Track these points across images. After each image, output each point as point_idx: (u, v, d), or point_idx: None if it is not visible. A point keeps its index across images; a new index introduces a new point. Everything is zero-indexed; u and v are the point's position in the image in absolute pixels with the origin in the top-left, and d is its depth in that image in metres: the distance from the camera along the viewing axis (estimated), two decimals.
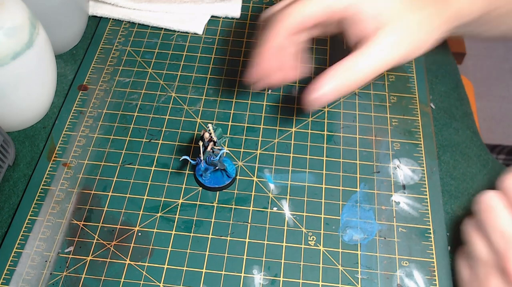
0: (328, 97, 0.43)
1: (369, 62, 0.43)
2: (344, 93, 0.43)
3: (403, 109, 0.56)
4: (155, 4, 0.64)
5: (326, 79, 0.43)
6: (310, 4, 0.43)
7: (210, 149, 0.46)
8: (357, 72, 0.43)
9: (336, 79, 0.43)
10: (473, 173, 0.52)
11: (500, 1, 0.47)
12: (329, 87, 0.43)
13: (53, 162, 0.52)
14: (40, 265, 0.45)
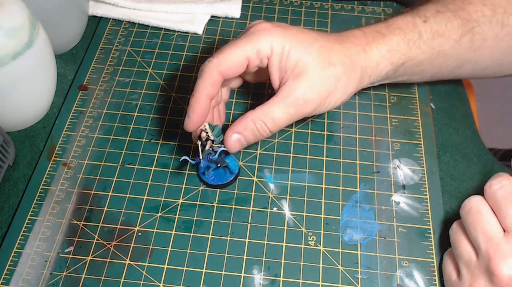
0: (242, 142, 0.46)
1: (282, 111, 0.44)
2: (259, 138, 0.46)
3: (403, 109, 0.56)
4: (155, 4, 0.64)
5: (241, 126, 0.45)
6: (233, 53, 0.44)
7: (209, 147, 0.46)
8: (275, 119, 0.45)
9: (251, 127, 0.45)
10: (473, 173, 0.52)
11: (410, 53, 0.47)
12: (246, 133, 0.45)
13: (53, 162, 0.52)
14: (40, 265, 0.45)
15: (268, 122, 0.44)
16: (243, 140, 0.45)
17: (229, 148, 0.45)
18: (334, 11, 0.66)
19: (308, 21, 0.65)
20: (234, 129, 0.45)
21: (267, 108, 0.44)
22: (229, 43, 0.45)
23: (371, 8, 0.66)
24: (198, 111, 0.45)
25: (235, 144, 0.45)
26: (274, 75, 0.45)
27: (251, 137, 0.45)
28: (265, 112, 0.44)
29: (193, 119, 0.45)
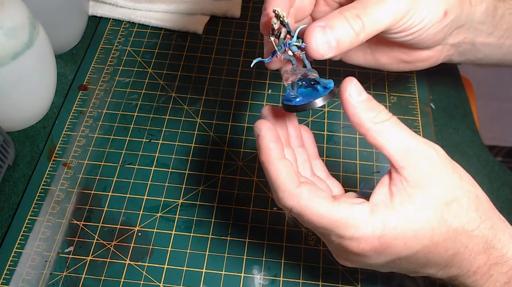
0: (338, 37, 0.35)
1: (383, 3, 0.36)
2: (351, 40, 0.36)
3: (403, 109, 0.56)
4: (155, 4, 0.64)
5: (333, 14, 0.35)
6: None
7: (284, 36, 0.34)
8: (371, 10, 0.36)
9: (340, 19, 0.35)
10: (473, 173, 0.52)
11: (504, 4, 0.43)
12: (334, 26, 0.35)
13: (53, 162, 0.52)
14: (40, 265, 0.45)
15: (362, 14, 0.35)
16: (330, 36, 0.34)
17: (312, 47, 0.34)
18: None
19: None
20: (316, 23, 0.35)
21: (357, 2, 0.36)
22: None
23: None
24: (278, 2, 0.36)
25: (320, 40, 0.34)
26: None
27: (341, 32, 0.35)
28: (355, 4, 0.36)
29: (274, 4, 0.36)
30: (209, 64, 0.60)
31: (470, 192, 0.34)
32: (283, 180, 0.34)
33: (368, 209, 0.33)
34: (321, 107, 0.53)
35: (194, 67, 0.60)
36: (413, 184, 0.33)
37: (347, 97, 0.33)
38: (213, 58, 0.61)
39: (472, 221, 0.34)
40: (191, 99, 0.57)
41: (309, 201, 0.33)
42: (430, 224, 0.33)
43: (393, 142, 0.33)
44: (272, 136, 0.34)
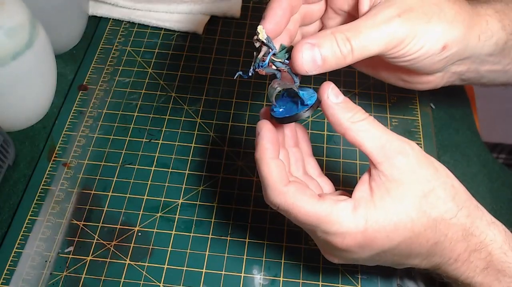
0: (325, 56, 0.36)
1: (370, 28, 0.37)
2: (337, 61, 0.36)
3: (403, 109, 0.56)
4: (155, 4, 0.64)
5: (323, 33, 0.36)
6: None
7: (262, 55, 0.36)
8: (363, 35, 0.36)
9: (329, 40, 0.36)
10: (473, 173, 0.52)
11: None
12: (322, 45, 0.35)
13: (53, 162, 0.52)
14: (40, 265, 0.45)
15: (352, 38, 0.36)
16: (317, 54, 0.35)
17: (297, 63, 0.35)
18: None
19: None
20: (306, 40, 0.35)
21: (351, 24, 0.37)
22: None
23: None
24: (278, 13, 0.37)
25: (306, 57, 0.35)
26: (363, 3, 0.39)
27: (328, 52, 0.35)
28: (349, 27, 0.36)
29: (271, 24, 0.37)
30: (209, 64, 0.60)
31: (446, 183, 0.35)
32: (273, 178, 0.35)
33: (351, 205, 0.34)
34: None
35: (194, 67, 0.60)
36: (390, 178, 0.34)
37: (326, 100, 0.36)
38: (213, 58, 0.61)
39: (449, 210, 0.35)
40: (191, 99, 0.57)
41: (295, 198, 0.35)
42: (409, 216, 0.34)
43: (370, 139, 0.35)
44: (270, 138, 0.36)
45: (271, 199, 0.36)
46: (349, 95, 0.57)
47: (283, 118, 0.37)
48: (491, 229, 0.36)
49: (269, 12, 0.38)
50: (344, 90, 0.58)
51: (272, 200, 0.36)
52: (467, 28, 0.39)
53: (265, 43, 0.35)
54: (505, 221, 0.49)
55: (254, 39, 0.36)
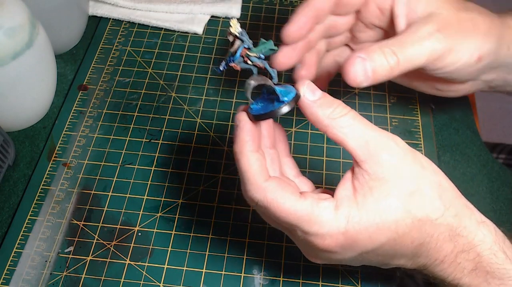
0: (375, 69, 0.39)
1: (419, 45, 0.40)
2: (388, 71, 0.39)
3: (403, 109, 0.56)
4: (155, 4, 0.64)
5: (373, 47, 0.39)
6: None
7: (234, 50, 0.35)
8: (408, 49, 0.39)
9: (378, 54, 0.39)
10: (473, 173, 0.52)
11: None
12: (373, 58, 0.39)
13: (53, 162, 0.52)
14: (40, 265, 0.45)
15: (399, 52, 0.39)
16: (368, 67, 0.39)
17: (350, 75, 0.39)
18: None
19: None
20: (357, 54, 0.39)
21: (396, 40, 0.40)
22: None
23: None
24: (301, 20, 0.40)
25: (358, 70, 0.38)
26: (399, 19, 0.42)
27: (377, 65, 0.39)
28: (394, 42, 0.39)
29: (293, 26, 0.40)
30: (209, 64, 0.60)
31: (433, 181, 0.34)
32: (253, 173, 0.34)
33: (333, 204, 0.33)
34: None
35: (194, 67, 0.60)
36: (374, 177, 0.33)
37: (302, 98, 0.34)
38: (213, 58, 0.61)
39: (436, 209, 0.33)
40: (191, 99, 0.57)
41: (276, 195, 0.33)
42: (393, 216, 0.33)
43: (353, 136, 0.33)
44: (250, 130, 0.35)
45: (250, 194, 0.34)
46: (349, 95, 0.57)
47: (259, 115, 0.35)
48: (481, 229, 0.34)
49: (294, 18, 0.40)
50: (344, 90, 0.58)
51: (251, 195, 0.34)
52: (498, 39, 0.41)
53: (238, 37, 0.35)
54: (505, 221, 0.49)
55: (227, 32, 0.35)
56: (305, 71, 0.46)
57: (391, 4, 0.43)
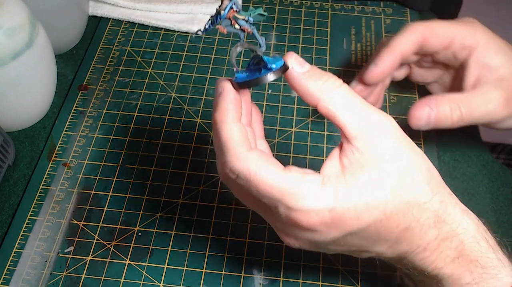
0: (438, 118, 0.44)
1: (484, 107, 0.44)
2: (449, 122, 0.44)
3: (403, 109, 0.56)
4: (155, 4, 0.64)
5: (441, 100, 0.44)
6: (443, 26, 0.46)
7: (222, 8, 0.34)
8: (473, 108, 0.44)
9: (444, 106, 0.44)
10: (473, 173, 0.52)
11: None
12: (439, 109, 0.43)
13: (53, 162, 0.52)
14: (40, 265, 0.45)
15: (463, 108, 0.43)
16: (432, 115, 0.43)
17: (415, 117, 0.44)
18: (334, 11, 0.66)
19: (308, 21, 0.65)
20: (426, 103, 0.44)
21: (464, 97, 0.44)
22: (437, 19, 0.47)
23: (371, 8, 0.66)
24: (386, 63, 0.44)
25: (424, 115, 0.44)
26: (472, 71, 0.45)
27: (441, 115, 0.43)
28: (462, 99, 0.43)
29: (378, 69, 0.44)
30: (209, 64, 0.60)
31: (422, 165, 0.33)
32: (234, 142, 0.32)
33: (320, 179, 0.31)
34: None
35: (194, 67, 0.60)
36: (365, 155, 0.32)
37: (290, 71, 0.33)
38: (213, 58, 0.61)
39: (424, 193, 0.32)
40: (191, 99, 0.57)
41: (260, 166, 0.31)
42: (383, 196, 0.31)
43: (346, 110, 0.32)
44: (234, 99, 0.33)
45: (231, 165, 0.32)
46: None
47: (244, 82, 0.33)
48: (465, 218, 0.34)
49: (378, 61, 0.45)
50: None
51: (231, 166, 0.32)
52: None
53: None
54: (505, 221, 0.49)
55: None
56: (371, 101, 0.49)
57: (468, 54, 0.46)
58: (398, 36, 0.46)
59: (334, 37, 0.63)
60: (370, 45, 0.62)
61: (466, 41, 0.45)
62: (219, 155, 0.33)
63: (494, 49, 0.45)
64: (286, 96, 0.57)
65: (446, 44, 0.45)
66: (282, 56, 0.33)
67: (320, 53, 0.61)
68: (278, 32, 0.63)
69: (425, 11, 0.66)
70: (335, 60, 0.61)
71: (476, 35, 0.45)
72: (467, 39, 0.45)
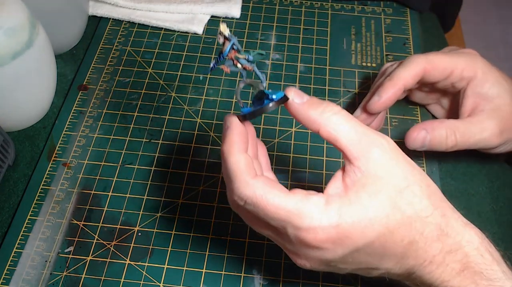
0: (432, 142, 0.46)
1: (479, 135, 0.46)
2: (444, 147, 0.47)
3: (403, 109, 0.56)
4: (155, 4, 0.64)
5: (438, 125, 0.46)
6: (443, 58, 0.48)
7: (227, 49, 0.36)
8: (467, 135, 0.46)
9: (439, 131, 0.46)
10: (473, 173, 0.52)
11: None
12: (433, 135, 0.46)
13: (53, 162, 0.52)
14: (40, 265, 0.45)
15: (458, 135, 0.46)
16: (427, 138, 0.46)
17: (410, 139, 0.46)
18: (334, 11, 0.66)
19: (308, 21, 0.65)
20: (423, 126, 0.46)
21: (460, 123, 0.46)
22: (437, 52, 0.49)
23: (371, 8, 0.66)
24: (389, 95, 0.47)
25: (419, 138, 0.46)
26: (468, 100, 0.47)
27: (436, 139, 0.46)
28: (457, 125, 0.46)
29: (382, 101, 0.47)
30: (209, 64, 0.60)
31: (422, 181, 0.35)
32: (241, 170, 0.34)
33: (323, 199, 0.33)
34: None
35: (194, 67, 0.60)
36: (367, 174, 0.34)
37: (291, 103, 0.36)
38: (213, 58, 0.61)
39: (425, 208, 0.34)
40: (191, 99, 0.57)
41: (265, 191, 0.33)
42: (384, 211, 0.33)
43: (346, 134, 0.34)
44: (240, 132, 0.36)
45: (239, 192, 0.34)
46: (349, 95, 0.57)
47: (248, 113, 0.36)
48: (467, 231, 0.35)
49: (382, 92, 0.47)
50: (344, 90, 0.58)
51: (240, 193, 0.34)
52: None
53: (227, 38, 0.36)
54: (505, 221, 0.49)
55: (218, 33, 0.36)
56: (374, 125, 0.51)
57: (466, 84, 0.48)
58: (400, 69, 0.48)
59: (334, 37, 0.63)
60: (370, 45, 0.62)
61: (465, 73, 0.47)
62: (228, 184, 0.35)
63: (491, 80, 0.47)
64: None
65: (446, 75, 0.48)
66: (283, 91, 0.36)
67: (320, 53, 0.61)
68: (278, 32, 0.63)
69: (425, 11, 0.66)
70: (335, 60, 0.61)
71: (474, 67, 0.47)
72: (466, 71, 0.47)
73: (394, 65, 0.51)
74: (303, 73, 0.59)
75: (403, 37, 0.63)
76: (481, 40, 1.56)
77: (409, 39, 0.62)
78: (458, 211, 0.42)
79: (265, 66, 0.60)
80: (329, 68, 0.60)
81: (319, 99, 0.36)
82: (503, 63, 1.79)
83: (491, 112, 0.46)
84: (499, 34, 1.56)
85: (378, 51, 0.62)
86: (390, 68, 0.51)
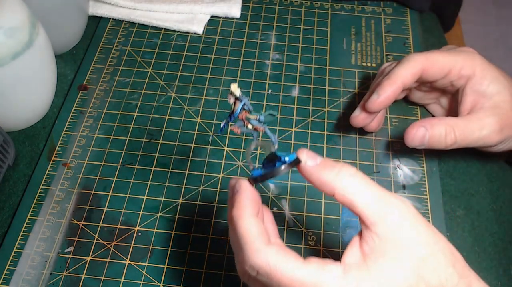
0: (432, 140, 0.45)
1: (478, 132, 0.46)
2: (443, 145, 0.46)
3: (403, 109, 0.56)
4: (155, 4, 0.64)
5: (437, 123, 0.46)
6: (441, 57, 0.48)
7: (237, 110, 0.36)
8: (467, 133, 0.45)
9: (438, 128, 0.45)
10: (473, 173, 0.52)
11: None
12: (432, 132, 0.45)
13: (53, 162, 0.52)
14: (40, 265, 0.45)
15: (457, 132, 0.45)
16: (427, 136, 0.45)
17: (409, 136, 0.46)
18: (334, 11, 0.66)
19: (308, 21, 0.65)
20: (422, 124, 0.46)
21: (459, 121, 0.46)
22: (436, 50, 0.48)
23: (371, 8, 0.66)
24: (388, 94, 0.47)
25: (419, 135, 0.45)
26: (468, 97, 0.47)
27: (435, 136, 0.45)
28: (456, 123, 0.46)
29: (380, 99, 0.47)
30: (209, 64, 0.60)
31: (445, 249, 0.32)
32: (253, 236, 0.32)
33: (341, 269, 0.31)
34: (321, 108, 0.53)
35: (194, 67, 0.60)
36: (385, 241, 0.31)
37: (304, 166, 0.34)
38: (213, 58, 0.61)
39: (450, 277, 0.31)
40: (191, 99, 0.57)
41: (279, 260, 0.31)
42: (407, 282, 0.31)
43: (363, 197, 0.32)
44: (251, 195, 0.34)
45: (251, 260, 0.31)
46: (349, 95, 0.57)
47: (260, 176, 0.34)
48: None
49: (380, 91, 0.47)
50: (344, 90, 0.58)
51: (251, 261, 0.31)
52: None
53: (238, 98, 0.35)
54: (505, 221, 0.49)
55: (229, 93, 0.35)
56: (374, 124, 0.51)
57: (464, 82, 0.48)
58: (399, 67, 0.47)
59: (334, 37, 0.63)
60: (370, 45, 0.62)
61: (464, 71, 0.47)
62: (237, 252, 0.33)
63: (489, 78, 0.47)
64: (286, 96, 0.57)
65: (444, 74, 0.47)
66: (295, 152, 0.35)
67: (320, 53, 0.61)
68: (278, 32, 0.63)
69: (425, 11, 0.66)
70: (335, 60, 0.61)
71: (473, 65, 0.47)
72: (465, 69, 0.47)
73: (392, 64, 0.51)
74: (303, 73, 0.59)
75: (403, 37, 0.63)
76: (481, 40, 1.56)
77: (409, 39, 0.62)
78: (458, 211, 0.41)
79: (265, 66, 0.60)
80: (329, 68, 0.60)
81: (333, 160, 0.34)
82: (503, 63, 1.79)
83: (491, 110, 0.46)
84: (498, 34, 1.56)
85: (378, 51, 0.62)
86: (388, 67, 0.51)
